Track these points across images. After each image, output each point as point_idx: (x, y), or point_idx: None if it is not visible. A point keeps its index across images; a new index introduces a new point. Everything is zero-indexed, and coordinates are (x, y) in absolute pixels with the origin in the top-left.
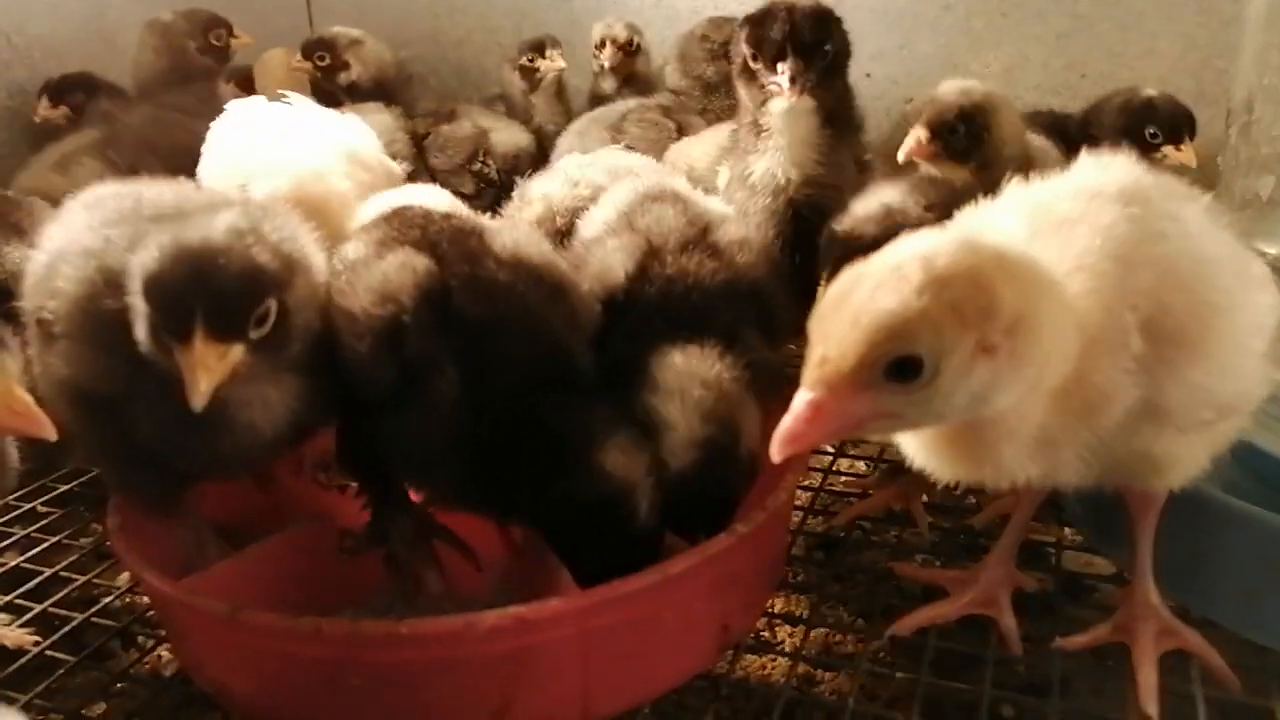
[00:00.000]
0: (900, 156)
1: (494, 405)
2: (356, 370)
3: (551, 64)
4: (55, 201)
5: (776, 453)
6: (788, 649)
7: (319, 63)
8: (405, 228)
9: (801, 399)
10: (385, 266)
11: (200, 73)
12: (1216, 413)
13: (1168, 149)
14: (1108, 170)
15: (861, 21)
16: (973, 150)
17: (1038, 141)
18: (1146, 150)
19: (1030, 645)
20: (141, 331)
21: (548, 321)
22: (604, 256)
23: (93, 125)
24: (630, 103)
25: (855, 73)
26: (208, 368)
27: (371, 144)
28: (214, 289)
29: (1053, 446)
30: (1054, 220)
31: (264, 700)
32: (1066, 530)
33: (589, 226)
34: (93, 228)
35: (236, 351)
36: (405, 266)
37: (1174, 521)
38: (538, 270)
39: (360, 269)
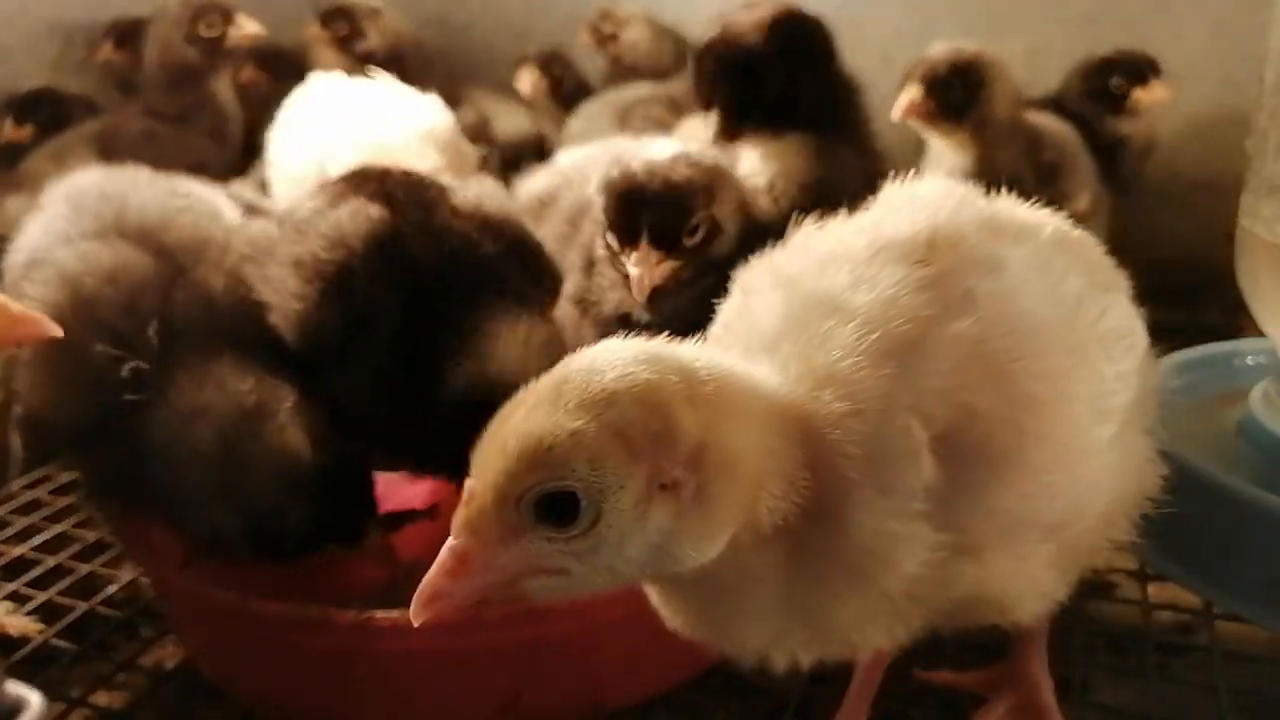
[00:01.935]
0: (894, 115)
1: (435, 352)
2: (301, 319)
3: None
4: None
5: (414, 615)
6: None
7: (337, 31)
8: (362, 182)
9: (446, 547)
10: (338, 215)
11: (187, 71)
12: (1044, 534)
13: (1137, 93)
14: (911, 204)
15: (881, 4)
16: (968, 107)
17: (1052, 124)
18: (1117, 105)
19: (1051, 643)
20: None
21: (502, 274)
22: None
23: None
24: (642, 90)
25: (874, 57)
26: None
27: (448, 124)
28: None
29: (819, 617)
30: (810, 299)
31: (271, 691)
32: None
33: None
34: (70, 238)
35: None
36: (358, 214)
37: (1199, 514)
38: (498, 224)
39: (314, 218)
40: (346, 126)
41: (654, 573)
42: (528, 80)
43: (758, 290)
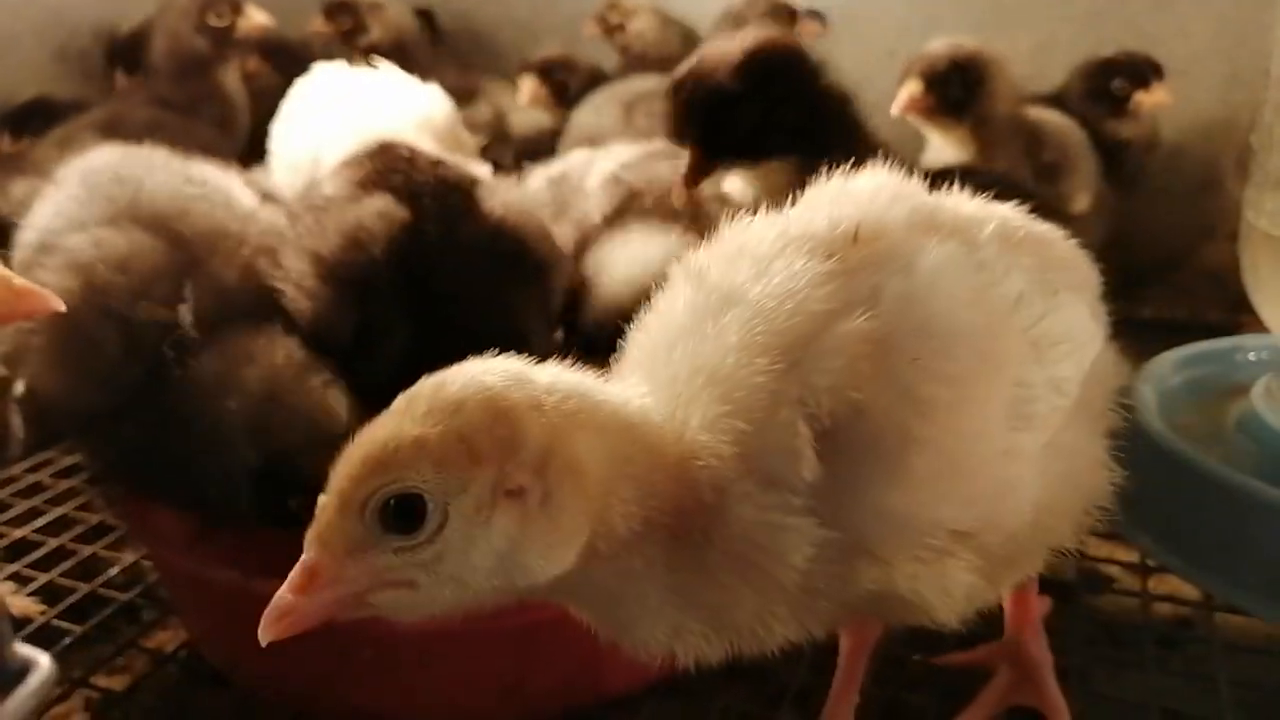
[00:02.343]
0: (893, 110)
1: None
2: (314, 316)
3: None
4: None
5: (262, 634)
6: None
7: (341, 25)
8: (387, 170)
9: (298, 563)
10: (361, 212)
11: (195, 61)
12: (952, 540)
13: (1139, 96)
14: (841, 197)
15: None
16: (968, 103)
17: (1055, 121)
18: (1119, 107)
19: (1050, 634)
20: None
21: (510, 304)
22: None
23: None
24: (649, 83)
25: (878, 52)
26: None
27: (446, 112)
28: None
29: (713, 610)
30: (713, 293)
31: (274, 674)
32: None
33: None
34: (84, 222)
35: None
36: (384, 215)
37: (1199, 507)
38: (522, 241)
39: (335, 209)
40: (345, 115)
41: (503, 586)
42: (527, 90)
43: (673, 283)
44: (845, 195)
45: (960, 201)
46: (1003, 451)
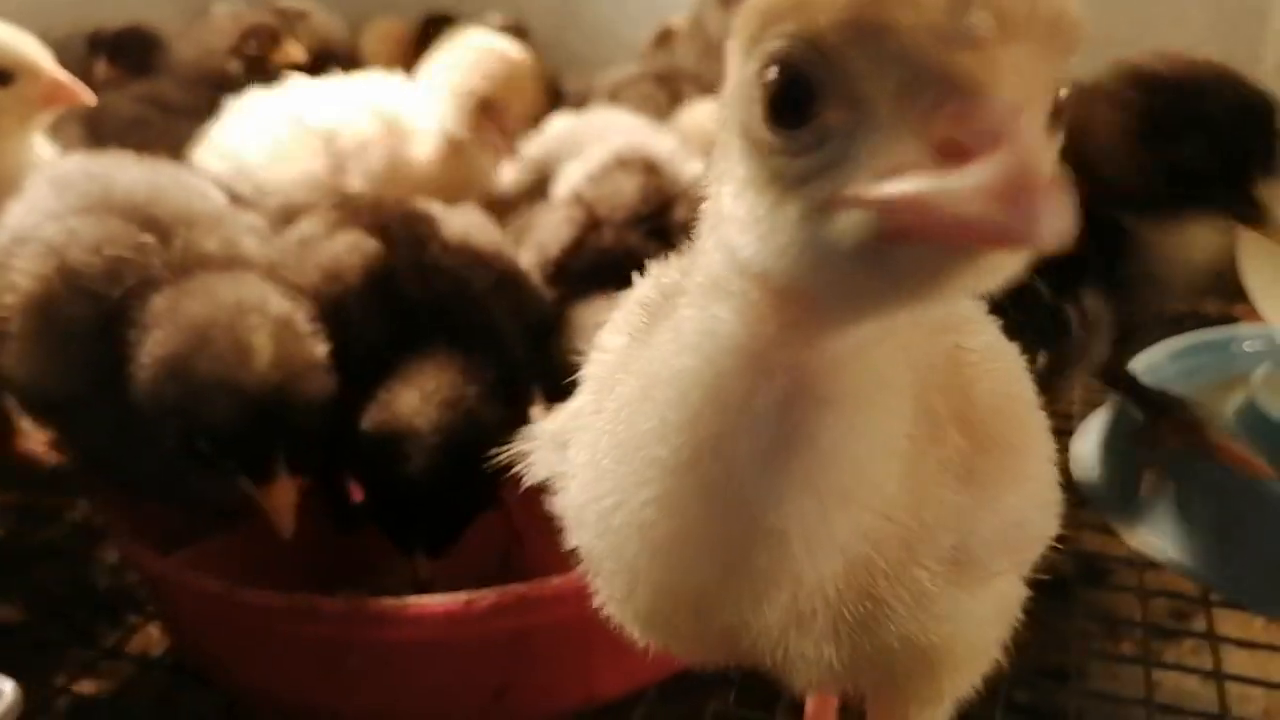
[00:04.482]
0: None
1: None
2: None
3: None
4: None
5: (1026, 232)
6: None
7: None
8: (358, 212)
9: (996, 108)
10: (335, 247)
11: (221, 80)
12: (1011, 558)
13: None
14: None
15: None
16: None
17: None
18: None
19: (1046, 630)
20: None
21: (487, 310)
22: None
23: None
24: (630, 69)
25: None
26: None
27: (412, 109)
28: None
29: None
30: None
31: (259, 681)
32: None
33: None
34: (57, 214)
35: None
36: (355, 248)
37: (1198, 501)
38: (484, 258)
39: (310, 247)
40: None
41: None
42: None
43: None
44: None
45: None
46: (1055, 478)
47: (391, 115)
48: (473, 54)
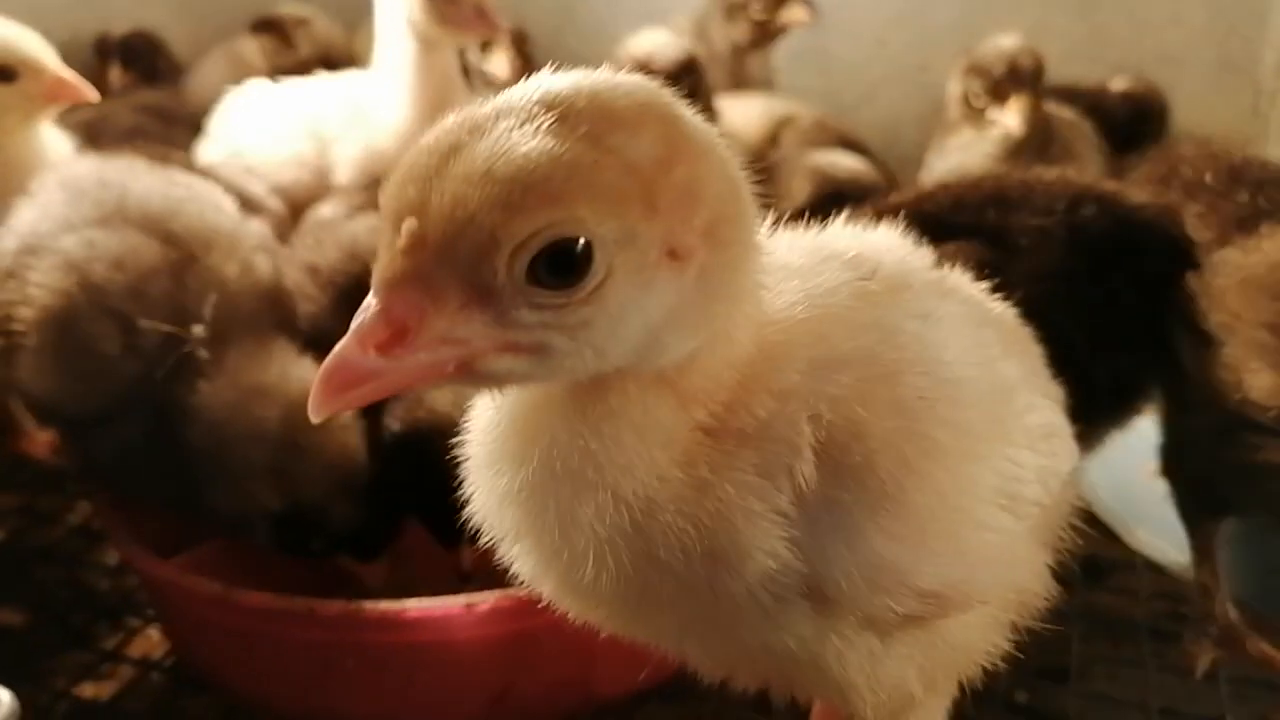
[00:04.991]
0: (1017, 129)
1: None
2: (311, 320)
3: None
4: None
5: (321, 404)
6: None
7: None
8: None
9: (371, 313)
10: (355, 228)
11: None
12: (913, 607)
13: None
14: (862, 241)
15: None
16: None
17: (1067, 115)
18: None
19: (1046, 631)
20: None
21: None
22: None
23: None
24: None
25: (869, 40)
26: None
27: (378, 100)
28: None
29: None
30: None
31: (256, 684)
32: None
33: None
34: (73, 225)
35: None
36: (375, 230)
37: (1246, 528)
38: None
39: (331, 227)
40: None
41: (633, 362)
42: (504, 61)
43: None
44: (868, 240)
45: (965, 282)
46: (989, 522)
47: (364, 107)
48: None
